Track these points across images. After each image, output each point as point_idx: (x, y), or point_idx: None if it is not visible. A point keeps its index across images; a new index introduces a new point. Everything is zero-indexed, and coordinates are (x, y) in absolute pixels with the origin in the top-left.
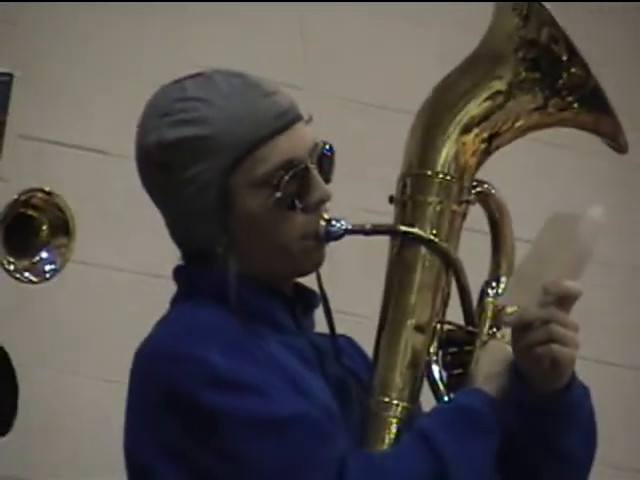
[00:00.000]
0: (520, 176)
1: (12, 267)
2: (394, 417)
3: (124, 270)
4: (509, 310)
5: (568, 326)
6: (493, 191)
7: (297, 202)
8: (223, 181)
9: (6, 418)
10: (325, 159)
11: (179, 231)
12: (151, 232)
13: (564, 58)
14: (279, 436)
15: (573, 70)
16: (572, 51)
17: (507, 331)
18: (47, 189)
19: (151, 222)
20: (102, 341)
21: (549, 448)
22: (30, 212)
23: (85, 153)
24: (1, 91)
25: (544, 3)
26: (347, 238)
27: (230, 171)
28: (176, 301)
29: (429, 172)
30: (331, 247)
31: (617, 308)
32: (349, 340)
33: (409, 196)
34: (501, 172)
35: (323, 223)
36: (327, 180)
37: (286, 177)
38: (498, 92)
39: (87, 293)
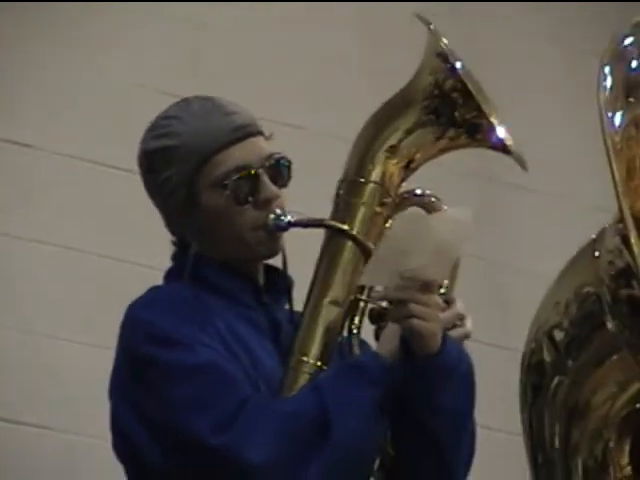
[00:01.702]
0: None
1: None
2: (307, 373)
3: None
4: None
5: (429, 305)
6: (428, 199)
7: (250, 199)
8: (189, 183)
9: None
10: (278, 167)
11: (166, 223)
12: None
13: (460, 102)
14: (190, 380)
15: (465, 110)
16: (467, 96)
17: None
18: None
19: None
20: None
21: (426, 404)
22: None
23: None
24: None
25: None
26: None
27: (194, 174)
28: (164, 278)
29: (362, 179)
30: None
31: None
32: None
33: (342, 197)
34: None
35: (272, 216)
36: (282, 185)
37: (234, 179)
38: (405, 129)
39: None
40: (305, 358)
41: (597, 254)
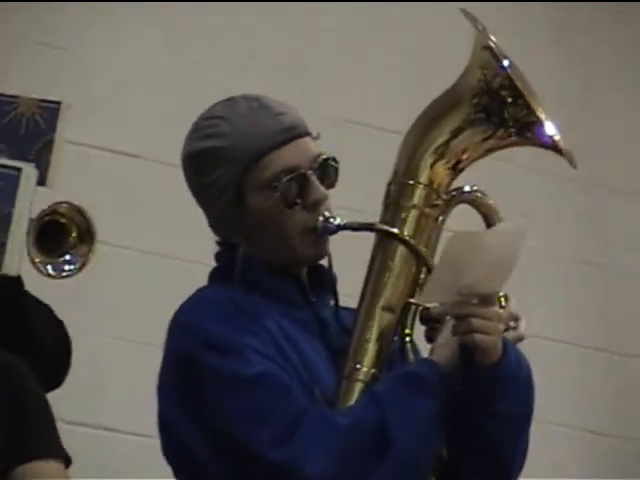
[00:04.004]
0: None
1: (38, 260)
2: (362, 381)
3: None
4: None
5: (489, 318)
6: (478, 195)
7: (298, 201)
8: (237, 184)
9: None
10: (326, 168)
11: (211, 224)
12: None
13: (509, 100)
14: (247, 391)
15: (515, 108)
16: (517, 94)
17: None
18: (74, 202)
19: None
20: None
21: (485, 411)
22: (61, 220)
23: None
24: (51, 115)
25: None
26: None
27: (242, 176)
28: (208, 278)
29: (410, 182)
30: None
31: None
32: None
33: (392, 200)
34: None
35: (321, 219)
36: (329, 185)
37: (284, 181)
38: (455, 127)
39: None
40: (359, 366)
41: None
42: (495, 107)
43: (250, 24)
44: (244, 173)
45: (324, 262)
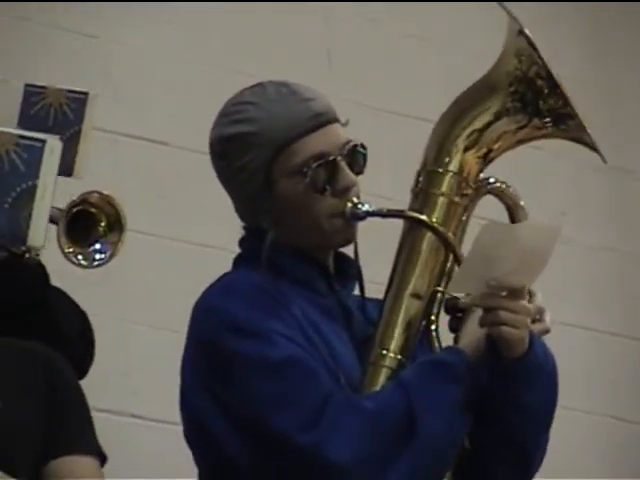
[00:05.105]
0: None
1: (69, 250)
2: (388, 367)
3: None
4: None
5: (518, 312)
6: (503, 186)
7: (327, 187)
8: (266, 170)
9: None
10: (356, 155)
11: (238, 209)
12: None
13: (545, 90)
14: (275, 375)
15: (551, 99)
16: (553, 84)
17: None
18: (104, 192)
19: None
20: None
21: (511, 403)
22: (91, 209)
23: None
24: (79, 106)
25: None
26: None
27: (271, 161)
28: (233, 264)
29: (440, 170)
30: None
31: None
32: None
33: (421, 188)
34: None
35: (350, 205)
36: (358, 172)
37: (313, 167)
38: (490, 115)
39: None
40: (385, 352)
41: None
42: (531, 96)
43: (282, 11)
44: (273, 158)
45: (350, 250)
